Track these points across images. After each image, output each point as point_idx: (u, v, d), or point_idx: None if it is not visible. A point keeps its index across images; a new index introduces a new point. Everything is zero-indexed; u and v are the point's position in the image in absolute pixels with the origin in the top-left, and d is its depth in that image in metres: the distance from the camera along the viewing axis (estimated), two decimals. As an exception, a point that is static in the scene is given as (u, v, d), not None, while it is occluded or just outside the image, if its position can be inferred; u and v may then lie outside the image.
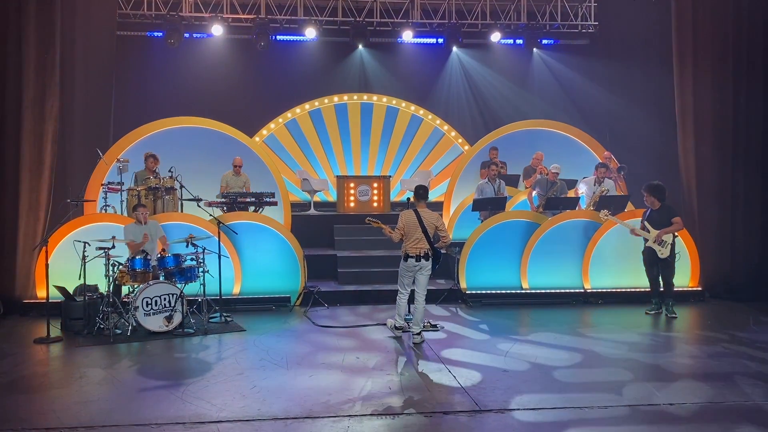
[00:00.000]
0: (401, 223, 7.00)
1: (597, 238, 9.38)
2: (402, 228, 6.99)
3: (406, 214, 7.03)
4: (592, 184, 10.09)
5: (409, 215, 6.99)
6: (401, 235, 7.02)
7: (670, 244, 8.29)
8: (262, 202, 9.81)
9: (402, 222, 7.00)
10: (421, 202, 7.07)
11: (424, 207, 7.09)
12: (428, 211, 7.05)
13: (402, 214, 7.06)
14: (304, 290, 9.03)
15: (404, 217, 7.02)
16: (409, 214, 7.01)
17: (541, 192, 10.25)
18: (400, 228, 7.00)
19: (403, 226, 6.98)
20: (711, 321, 8.08)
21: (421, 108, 13.45)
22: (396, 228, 7.06)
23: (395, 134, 13.45)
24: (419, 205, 7.07)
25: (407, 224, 6.96)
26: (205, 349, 6.83)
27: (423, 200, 7.07)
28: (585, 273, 9.40)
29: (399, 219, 7.06)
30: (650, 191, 8.35)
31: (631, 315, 8.48)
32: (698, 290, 9.43)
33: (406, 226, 6.96)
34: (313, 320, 8.08)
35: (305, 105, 13.17)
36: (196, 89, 13.07)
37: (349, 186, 12.29)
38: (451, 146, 13.50)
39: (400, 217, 7.07)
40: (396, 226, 7.07)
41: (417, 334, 6.93)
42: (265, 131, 13.05)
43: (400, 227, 7.00)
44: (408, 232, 6.95)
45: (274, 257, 9.12)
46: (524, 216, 9.54)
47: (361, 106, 13.35)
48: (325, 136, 13.30)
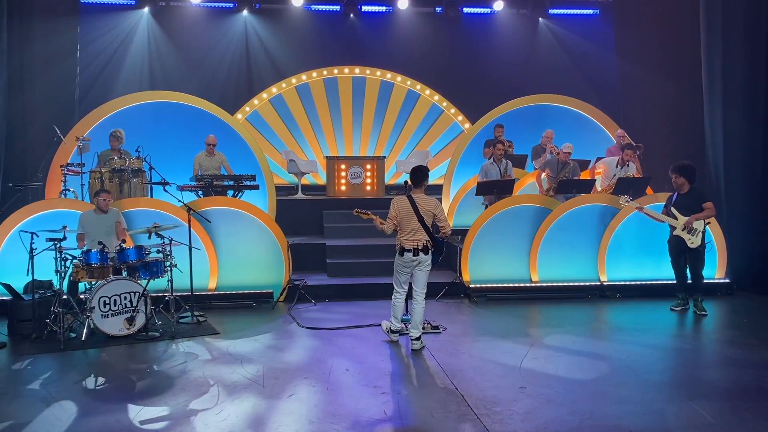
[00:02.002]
0: (393, 212, 6.02)
1: (615, 225, 8.43)
2: (395, 217, 6.00)
3: (399, 200, 6.04)
4: (615, 166, 9.09)
5: (403, 202, 6.00)
6: (394, 225, 6.05)
7: (701, 232, 7.35)
8: (241, 186, 8.79)
9: (394, 210, 6.01)
10: (418, 186, 6.07)
11: (421, 192, 6.10)
12: (425, 197, 6.06)
13: (394, 201, 6.07)
14: (288, 284, 8.07)
15: (397, 204, 6.02)
16: (403, 200, 6.02)
17: (551, 174, 9.26)
18: (393, 217, 6.01)
19: (396, 215, 6.00)
20: (747, 320, 7.17)
21: (418, 82, 12.39)
22: (388, 218, 6.08)
23: (390, 111, 12.39)
24: (415, 190, 6.07)
25: (401, 213, 5.97)
26: (170, 359, 5.86)
27: (420, 184, 6.07)
28: (601, 264, 8.47)
29: (391, 207, 6.07)
30: (681, 171, 7.37)
31: (654, 312, 7.57)
32: (726, 282, 8.52)
33: (399, 215, 5.98)
34: (297, 320, 7.12)
35: (291, 79, 12.07)
36: (172, 63, 11.98)
37: (340, 168, 11.28)
38: (451, 124, 12.47)
39: (392, 204, 6.08)
40: (388, 216, 6.09)
41: (416, 339, 5.98)
42: (248, 108, 11.97)
43: (393, 216, 6.02)
44: (402, 222, 5.97)
45: (254, 248, 8.13)
46: (533, 201, 8.57)
47: (353, 81, 12.26)
48: (314, 113, 12.23)
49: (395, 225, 6.05)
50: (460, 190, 10.01)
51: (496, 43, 12.94)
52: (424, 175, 6.10)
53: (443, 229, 6.08)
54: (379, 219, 6.20)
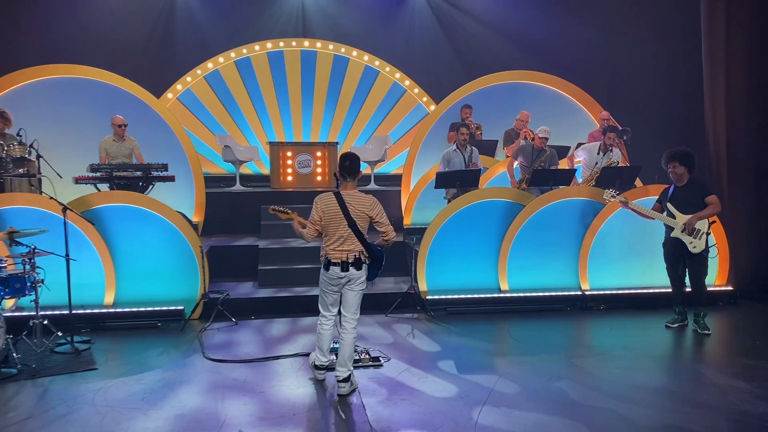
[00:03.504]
0: (317, 213, 4.58)
1: (598, 224, 7.09)
2: (318, 220, 4.56)
3: (324, 199, 4.60)
4: (596, 153, 7.73)
5: (329, 201, 4.56)
6: (317, 231, 4.61)
7: (705, 233, 6.02)
8: (150, 177, 7.25)
9: (318, 211, 4.57)
10: (348, 179, 4.62)
11: (353, 188, 4.65)
12: (358, 194, 4.61)
13: (318, 200, 4.62)
14: (203, 299, 6.59)
15: (320, 203, 4.59)
16: (328, 199, 4.57)
17: (525, 162, 7.88)
18: (316, 220, 4.58)
19: (319, 217, 4.56)
20: (760, 340, 5.86)
21: (377, 58, 10.86)
22: (309, 221, 4.64)
23: (345, 90, 10.87)
24: (345, 184, 4.63)
25: (326, 214, 4.53)
26: (15, 410, 4.37)
27: (351, 177, 4.63)
28: (583, 270, 7.13)
29: (313, 207, 4.63)
30: (680, 159, 6.02)
31: (646, 329, 6.26)
32: (728, 290, 7.23)
33: (324, 218, 4.54)
34: (204, 348, 5.66)
35: (230, 53, 10.48)
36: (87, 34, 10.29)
37: (286, 155, 9.80)
38: (415, 105, 11.00)
39: (314, 203, 4.63)
40: (309, 218, 4.65)
41: (343, 380, 4.55)
42: (180, 86, 10.36)
43: (316, 219, 4.58)
44: (328, 227, 4.54)
45: (162, 254, 6.64)
46: (503, 194, 7.17)
47: (302, 55, 10.70)
48: (257, 92, 10.66)
49: (318, 230, 4.61)
50: (420, 182, 8.60)
51: (465, 13, 11.46)
52: (356, 165, 4.65)
53: (384, 236, 4.65)
54: (300, 219, 4.76)
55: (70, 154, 7.94)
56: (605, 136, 7.61)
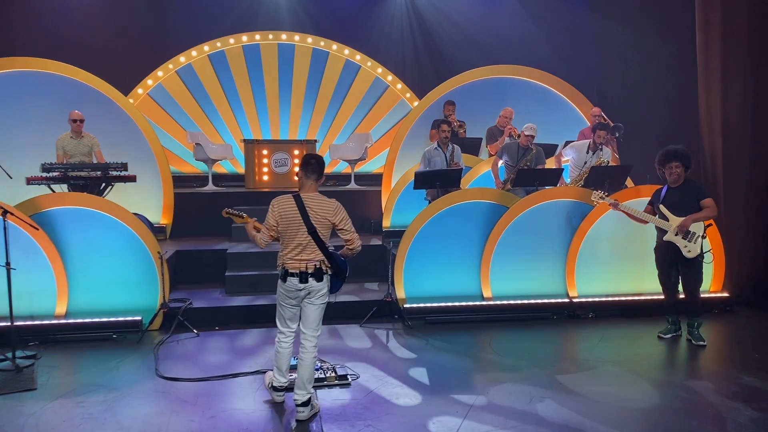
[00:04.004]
0: (272, 217, 4.14)
1: (587, 227, 6.68)
2: (274, 225, 4.12)
3: (282, 201, 4.15)
4: (585, 152, 7.32)
5: (287, 204, 4.12)
6: (272, 236, 4.17)
7: (701, 237, 5.61)
8: (108, 177, 6.77)
9: (274, 215, 4.13)
10: (309, 180, 4.18)
11: (315, 191, 4.21)
12: (320, 198, 4.17)
13: (274, 203, 4.18)
14: (162, 308, 6.13)
15: (277, 206, 4.14)
16: (287, 202, 4.13)
17: (510, 162, 7.47)
18: (272, 225, 4.13)
19: (275, 222, 4.12)
20: (759, 353, 5.46)
21: (358, 52, 10.42)
22: (264, 225, 4.19)
23: (324, 86, 10.42)
24: (306, 186, 4.19)
25: (283, 219, 4.09)
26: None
27: (314, 178, 4.19)
28: (570, 276, 6.72)
29: (269, 210, 4.19)
30: (681, 157, 5.60)
31: (637, 339, 5.87)
32: (724, 297, 6.84)
33: (281, 223, 4.10)
34: (158, 364, 5.20)
35: (204, 46, 10.00)
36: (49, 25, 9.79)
37: (262, 153, 9.34)
38: (398, 102, 10.58)
39: (271, 206, 4.19)
40: (264, 222, 4.20)
41: (302, 404, 4.10)
42: (150, 81, 9.88)
43: (272, 224, 4.14)
44: (285, 234, 4.10)
45: (119, 260, 6.17)
46: (486, 196, 6.74)
47: (279, 49, 10.24)
48: (231, 87, 10.20)
49: (273, 236, 4.16)
50: (400, 182, 8.17)
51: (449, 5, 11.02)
52: (322, 166, 4.21)
53: (348, 245, 4.21)
54: (255, 224, 4.32)
55: (27, 154, 7.47)
56: (595, 134, 7.20)
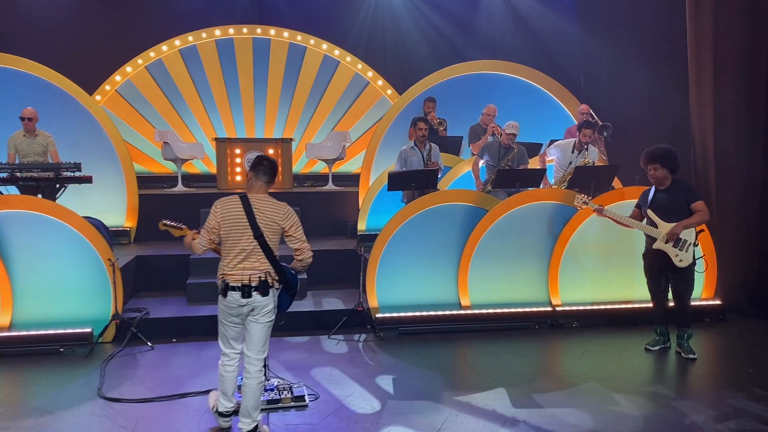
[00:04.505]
0: (214, 219, 3.73)
1: (570, 232, 6.29)
2: (215, 228, 3.70)
3: (226, 203, 3.75)
4: (571, 151, 6.94)
5: (231, 205, 3.71)
6: (211, 240, 3.75)
7: (692, 244, 5.23)
8: (60, 178, 6.34)
9: (216, 216, 3.71)
10: (260, 181, 3.76)
11: (265, 193, 3.80)
12: (270, 200, 3.76)
13: (217, 204, 3.77)
14: (114, 319, 5.70)
15: (220, 208, 3.73)
16: (231, 203, 3.73)
17: (491, 161, 7.08)
18: (212, 227, 3.72)
19: (217, 224, 3.70)
20: (755, 367, 5.08)
21: (337, 47, 10.00)
22: (203, 229, 3.78)
23: (302, 82, 10.00)
24: (255, 187, 3.77)
25: (226, 221, 3.68)
26: None
27: (264, 180, 3.77)
28: (553, 283, 6.33)
29: (211, 211, 3.77)
30: (662, 160, 5.23)
31: (623, 352, 5.49)
32: (716, 304, 6.47)
33: (223, 226, 3.68)
34: (104, 382, 4.78)
35: (175, 41, 9.56)
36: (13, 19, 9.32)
37: (234, 152, 8.92)
38: (379, 99, 10.16)
39: (213, 207, 3.78)
40: (203, 226, 3.79)
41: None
42: (119, 77, 9.43)
43: (212, 225, 3.72)
44: (227, 240, 3.69)
45: (69, 268, 5.74)
46: (464, 198, 6.34)
47: (254, 43, 9.80)
48: (204, 83, 9.75)
49: (213, 240, 3.74)
50: (376, 183, 7.77)
51: (434, 0, 10.64)
52: (274, 169, 3.80)
53: (297, 254, 3.80)
54: (194, 235, 3.91)
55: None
56: (580, 133, 6.81)
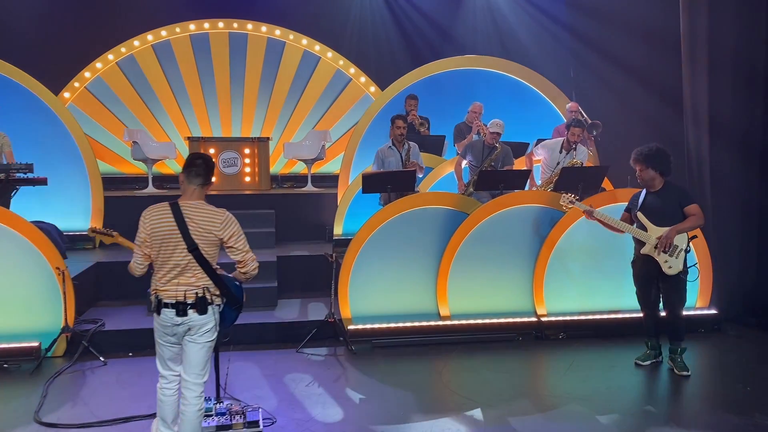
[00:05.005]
0: (143, 231, 3.32)
1: (557, 236, 5.90)
2: (146, 240, 3.30)
3: (154, 212, 3.32)
4: (558, 151, 6.55)
5: (160, 215, 3.29)
6: (146, 256, 3.34)
7: (683, 251, 4.84)
8: (11, 180, 5.92)
9: (145, 229, 3.30)
10: (192, 185, 3.35)
11: (199, 198, 3.38)
12: (205, 207, 3.34)
13: (145, 214, 3.34)
14: (64, 332, 5.29)
15: (148, 218, 3.31)
16: (160, 212, 3.30)
17: (474, 162, 6.69)
18: (142, 240, 3.31)
19: (145, 238, 3.30)
20: (753, 384, 4.70)
21: (317, 42, 9.60)
22: (135, 243, 3.37)
23: (281, 79, 9.59)
24: (188, 192, 3.36)
25: (156, 233, 3.27)
26: None
27: (197, 182, 3.35)
28: (538, 291, 5.94)
29: (140, 223, 3.35)
30: (649, 161, 4.86)
31: (612, 367, 5.11)
32: (712, 314, 6.09)
33: (153, 238, 3.28)
34: (42, 404, 4.37)
35: (147, 35, 9.14)
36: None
37: (208, 152, 8.50)
38: (362, 96, 9.76)
39: (141, 218, 3.36)
40: (135, 240, 3.37)
41: (187, 466, 3.29)
42: (88, 73, 9.02)
43: (142, 238, 3.32)
44: (159, 251, 3.28)
45: (15, 277, 5.32)
46: (443, 201, 5.95)
47: (230, 38, 9.39)
48: (178, 80, 9.34)
49: (148, 256, 3.32)
50: (354, 184, 7.37)
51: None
52: (209, 168, 3.38)
53: (240, 267, 3.39)
54: (127, 243, 3.53)
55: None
56: (569, 132, 6.42)
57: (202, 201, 3.33)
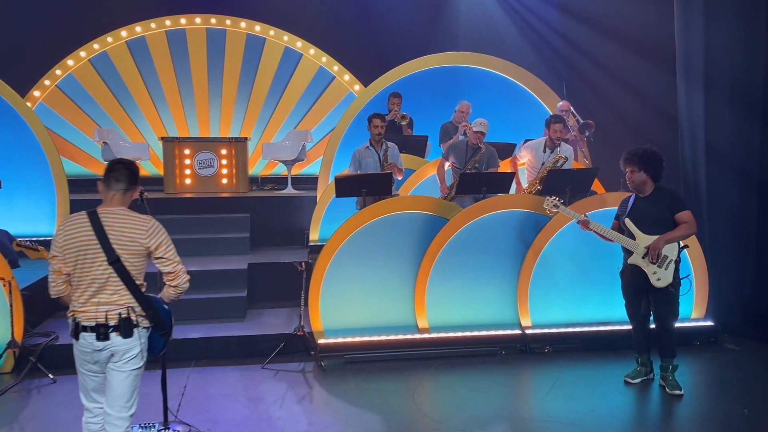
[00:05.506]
0: (56, 245, 2.94)
1: (542, 243, 5.53)
2: (58, 255, 2.93)
3: (69, 223, 2.95)
4: (542, 150, 6.18)
5: (75, 226, 2.92)
6: (60, 272, 2.96)
7: (674, 261, 4.47)
8: (-40, 184, 5.58)
9: (57, 241, 2.93)
10: (112, 191, 2.98)
11: (121, 205, 3.00)
12: (127, 214, 2.96)
13: (59, 227, 2.98)
14: (10, 347, 4.93)
15: (62, 229, 2.94)
16: (76, 222, 2.93)
17: (457, 163, 6.32)
18: (54, 255, 2.95)
19: (56, 253, 2.93)
20: (750, 407, 4.33)
21: (299, 38, 9.23)
22: (51, 258, 2.99)
23: (261, 77, 9.22)
24: (108, 199, 2.99)
25: (71, 246, 2.90)
26: None
27: (118, 188, 2.98)
28: (522, 302, 5.57)
29: (54, 236, 2.98)
30: (638, 161, 4.49)
31: (599, 385, 4.75)
32: (708, 326, 5.72)
33: (67, 252, 2.91)
34: (-25, 428, 4.03)
35: (121, 31, 8.78)
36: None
37: (183, 153, 8.16)
38: (345, 95, 9.40)
39: (56, 231, 2.99)
40: (49, 253, 3.00)
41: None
42: (59, 71, 8.66)
43: (54, 254, 2.95)
44: (75, 268, 2.92)
45: (-41, 287, 4.97)
46: (422, 205, 5.57)
47: (208, 34, 9.02)
48: (153, 78, 8.97)
49: (63, 271, 2.95)
50: (330, 187, 6.97)
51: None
52: (131, 173, 3.01)
53: (169, 280, 3.02)
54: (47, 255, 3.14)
55: None
56: (549, 129, 6.05)
57: (123, 208, 2.97)
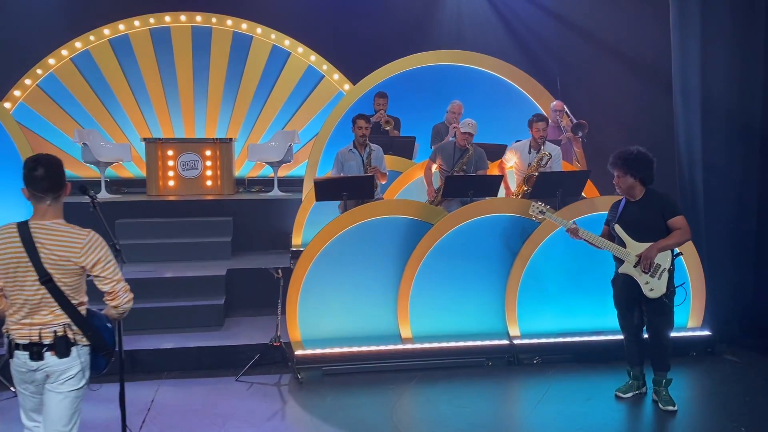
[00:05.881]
0: None
1: (530, 249, 5.29)
2: None
3: (1, 236, 2.69)
4: (527, 152, 5.95)
5: (6, 239, 2.66)
6: None
7: (667, 270, 4.23)
8: None
9: None
10: (42, 201, 2.70)
11: (56, 217, 2.74)
12: (61, 228, 2.70)
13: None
14: (-28, 360, 4.72)
15: None
16: (6, 235, 2.67)
17: (444, 166, 6.09)
18: None
19: None
20: (745, 427, 4.09)
21: (287, 36, 8.99)
22: None
23: (248, 76, 8.99)
24: (39, 210, 2.71)
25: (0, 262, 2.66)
26: None
27: (46, 197, 2.69)
28: (510, 310, 5.33)
29: None
30: (624, 164, 4.24)
31: (589, 399, 4.52)
32: (705, 335, 5.47)
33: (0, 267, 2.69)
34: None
35: (104, 29, 8.55)
36: None
37: (166, 154, 7.96)
38: (334, 94, 9.15)
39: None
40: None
41: None
42: (40, 70, 8.42)
43: None
44: (6, 285, 2.68)
45: None
46: (406, 210, 5.34)
47: (193, 32, 8.79)
48: (137, 77, 8.74)
49: None
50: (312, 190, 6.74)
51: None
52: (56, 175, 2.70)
53: (110, 299, 2.77)
54: None
55: None
56: (532, 128, 5.80)
57: (58, 220, 2.73)
